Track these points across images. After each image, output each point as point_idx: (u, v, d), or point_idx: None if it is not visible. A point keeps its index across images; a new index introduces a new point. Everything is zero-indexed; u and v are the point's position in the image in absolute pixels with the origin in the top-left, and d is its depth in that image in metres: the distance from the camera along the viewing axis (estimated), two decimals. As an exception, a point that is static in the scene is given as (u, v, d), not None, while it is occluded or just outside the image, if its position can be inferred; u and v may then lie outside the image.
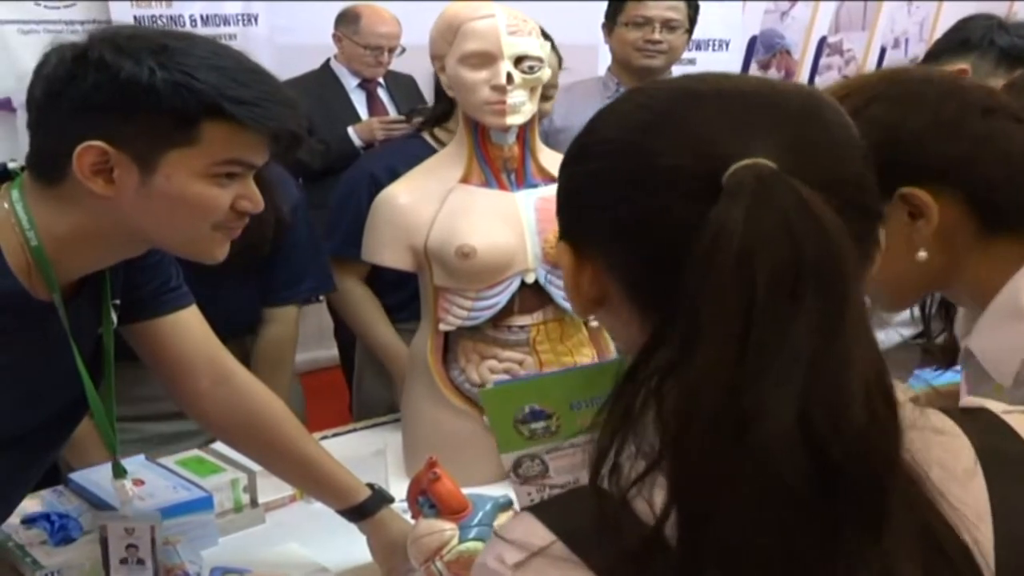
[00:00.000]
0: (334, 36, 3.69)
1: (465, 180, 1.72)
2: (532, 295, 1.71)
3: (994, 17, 2.09)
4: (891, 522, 0.60)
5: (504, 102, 1.61)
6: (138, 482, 1.56)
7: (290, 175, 2.07)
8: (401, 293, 2.13)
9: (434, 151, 2.12)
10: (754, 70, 4.58)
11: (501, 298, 1.68)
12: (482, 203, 1.69)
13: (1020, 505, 0.68)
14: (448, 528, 1.30)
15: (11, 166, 1.19)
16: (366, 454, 1.90)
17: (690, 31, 2.86)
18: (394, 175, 2.05)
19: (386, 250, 1.75)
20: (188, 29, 3.32)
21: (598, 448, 0.64)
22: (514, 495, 1.23)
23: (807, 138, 0.65)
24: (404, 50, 3.66)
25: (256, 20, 3.63)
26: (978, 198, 1.00)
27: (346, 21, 3.68)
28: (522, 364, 1.70)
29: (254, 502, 1.65)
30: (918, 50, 5.09)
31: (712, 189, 0.61)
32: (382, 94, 3.76)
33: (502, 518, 1.32)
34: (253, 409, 1.42)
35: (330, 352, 3.66)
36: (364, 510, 1.43)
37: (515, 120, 1.63)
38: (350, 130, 3.51)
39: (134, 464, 1.64)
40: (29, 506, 1.52)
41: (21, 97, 3.06)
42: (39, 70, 1.12)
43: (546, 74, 1.66)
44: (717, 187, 0.61)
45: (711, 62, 4.29)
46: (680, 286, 0.60)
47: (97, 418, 1.29)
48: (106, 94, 1.07)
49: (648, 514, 0.61)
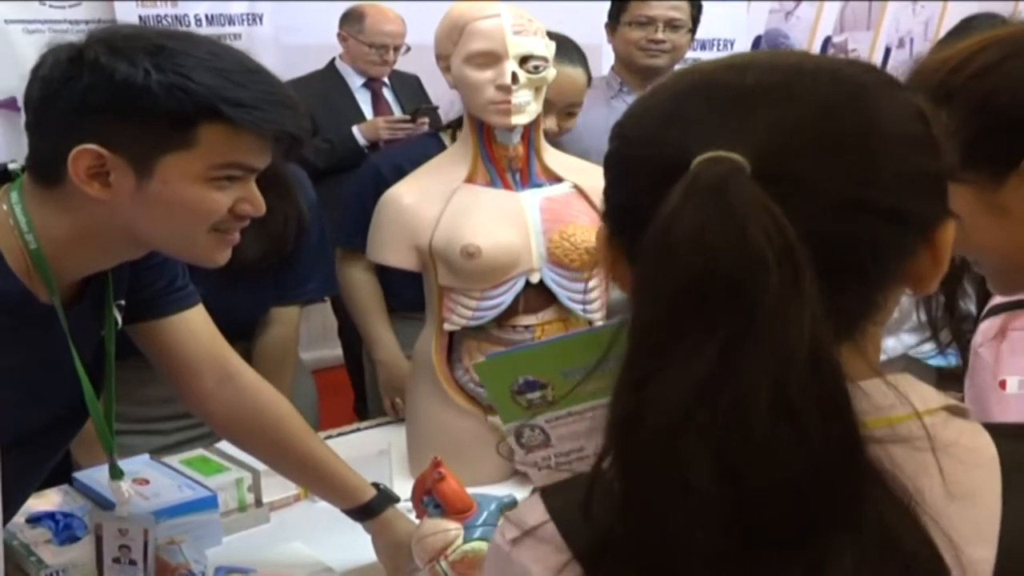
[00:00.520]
0: (339, 35, 3.69)
1: (470, 180, 1.71)
2: (537, 295, 1.71)
3: (998, 16, 2.08)
4: (815, 534, 0.57)
5: (509, 102, 1.61)
6: (142, 481, 1.57)
7: (306, 175, 2.08)
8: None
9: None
10: (758, 70, 4.58)
11: (506, 298, 1.68)
12: (487, 203, 1.69)
13: None
14: (453, 528, 1.30)
15: (11, 167, 1.18)
16: (370, 453, 1.89)
17: (693, 30, 2.86)
18: (399, 173, 2.05)
19: (390, 250, 1.74)
20: (193, 29, 3.33)
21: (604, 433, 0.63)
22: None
23: (808, 134, 0.61)
24: (409, 49, 3.66)
25: (261, 20, 3.63)
26: None
27: (351, 20, 3.68)
28: (527, 364, 1.70)
29: (258, 501, 1.65)
30: (923, 50, 5.07)
31: (672, 182, 0.60)
32: (387, 93, 3.76)
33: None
34: (259, 408, 1.42)
35: (335, 351, 3.66)
36: (370, 510, 1.43)
37: (520, 120, 1.63)
38: (354, 129, 3.51)
39: (139, 463, 1.65)
40: (34, 505, 1.52)
41: (26, 96, 3.09)
42: (36, 71, 1.10)
43: (551, 74, 1.66)
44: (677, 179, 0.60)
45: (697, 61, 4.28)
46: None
47: (95, 421, 1.29)
48: (101, 96, 1.05)
49: None
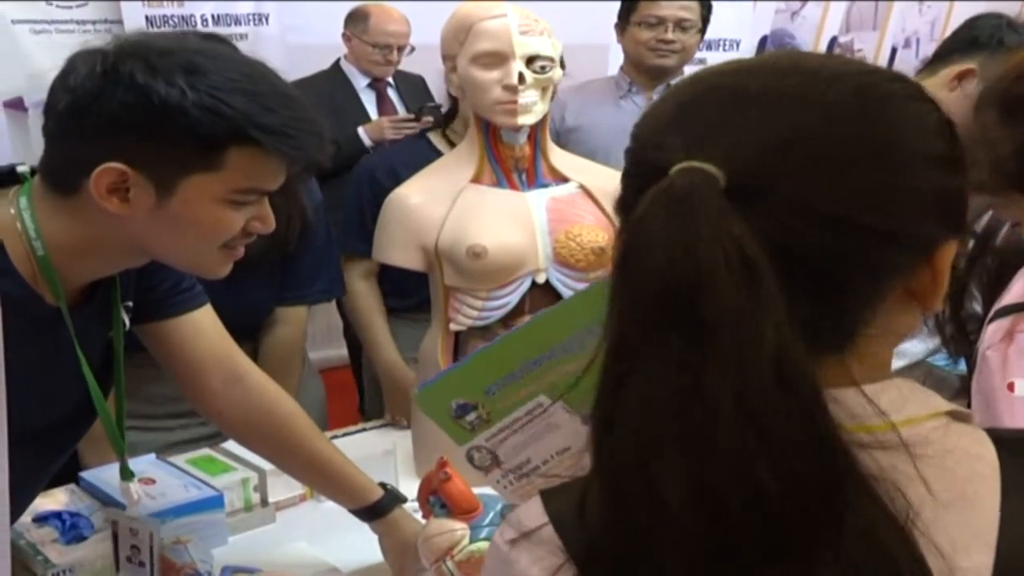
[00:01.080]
0: (343, 35, 3.68)
1: (476, 180, 1.71)
2: (543, 295, 1.71)
3: (1003, 16, 2.07)
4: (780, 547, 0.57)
5: (516, 102, 1.61)
6: (149, 481, 1.57)
7: (313, 175, 2.08)
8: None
9: (438, 152, 2.13)
10: (764, 70, 4.57)
11: (512, 298, 1.68)
12: (493, 203, 1.69)
13: None
14: (459, 528, 1.30)
15: (20, 169, 1.18)
16: (376, 454, 1.90)
17: (703, 31, 2.85)
18: (393, 175, 2.07)
19: (396, 250, 1.74)
20: (199, 29, 3.34)
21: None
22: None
23: (795, 147, 0.61)
24: (413, 49, 3.65)
25: (267, 20, 3.62)
26: None
27: (355, 20, 3.68)
28: (532, 364, 1.70)
29: (264, 501, 1.65)
30: (929, 50, 5.05)
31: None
32: (392, 94, 3.76)
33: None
34: (266, 409, 1.42)
35: (340, 351, 3.66)
36: (377, 510, 1.43)
37: (527, 120, 1.63)
38: (360, 130, 3.51)
39: (145, 463, 1.65)
40: (41, 504, 1.52)
41: (33, 96, 3.09)
42: (64, 79, 1.07)
43: (558, 74, 1.66)
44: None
45: (722, 61, 4.27)
46: None
47: (105, 423, 1.30)
48: (134, 116, 1.04)
49: None
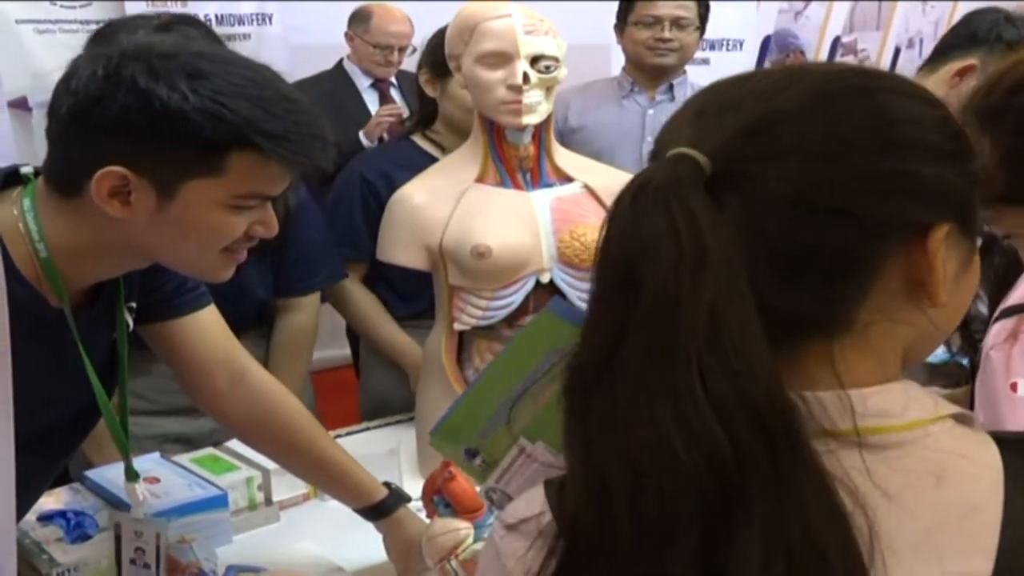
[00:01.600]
0: (346, 35, 3.68)
1: (480, 180, 1.71)
2: (547, 295, 1.69)
3: (1001, 11, 2.07)
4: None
5: (520, 102, 1.61)
6: (153, 480, 1.57)
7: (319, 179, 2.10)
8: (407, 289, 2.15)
9: (425, 153, 2.15)
10: (767, 70, 4.57)
11: (516, 297, 1.68)
12: (497, 203, 1.69)
13: None
14: (463, 527, 1.30)
15: (24, 170, 1.18)
16: (380, 453, 1.90)
17: (701, 29, 2.85)
18: (385, 177, 2.07)
19: (401, 249, 1.74)
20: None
21: None
22: None
23: (771, 128, 0.63)
24: (416, 50, 3.65)
25: (270, 20, 3.62)
26: None
27: (357, 20, 3.68)
28: (536, 364, 1.70)
29: (268, 500, 1.66)
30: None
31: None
32: (394, 94, 3.75)
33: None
34: (271, 409, 1.42)
35: (342, 351, 3.66)
36: (381, 509, 1.43)
37: (531, 120, 1.63)
38: (360, 134, 3.51)
39: (149, 462, 1.65)
40: (45, 503, 1.52)
41: (37, 96, 3.09)
42: (67, 82, 1.07)
43: (563, 74, 1.66)
44: None
45: (725, 62, 4.27)
46: None
47: (109, 424, 1.30)
48: (136, 120, 1.04)
49: None
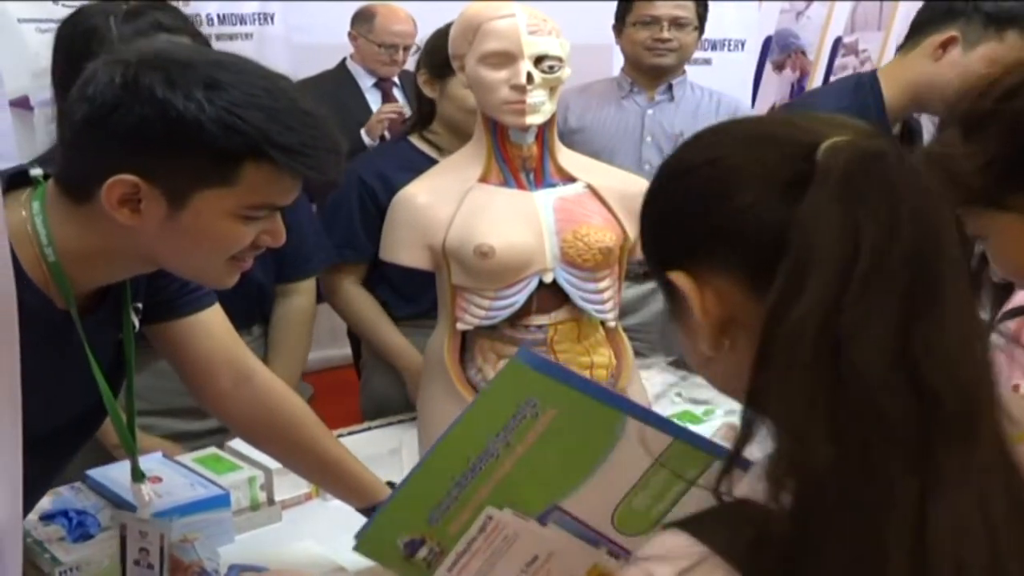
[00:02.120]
0: (349, 35, 3.69)
1: (484, 179, 1.71)
2: (550, 295, 1.70)
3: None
4: (982, 454, 0.64)
5: (524, 102, 1.60)
6: (155, 479, 1.56)
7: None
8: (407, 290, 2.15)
9: (421, 153, 2.14)
10: (769, 70, 4.56)
11: (519, 298, 1.68)
12: (501, 202, 1.69)
13: None
14: (466, 528, 1.29)
15: (33, 172, 1.17)
16: (382, 452, 1.90)
17: (700, 29, 2.85)
18: (383, 179, 2.07)
19: (404, 249, 1.74)
20: (204, 29, 3.34)
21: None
22: None
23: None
24: (419, 49, 3.65)
25: (272, 19, 3.62)
26: None
27: (361, 20, 3.68)
28: (539, 364, 1.70)
29: (271, 500, 1.65)
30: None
31: (807, 156, 0.69)
32: (397, 94, 3.76)
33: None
34: (275, 409, 1.43)
35: (342, 351, 3.66)
36: (384, 509, 1.43)
37: (535, 120, 1.63)
38: (362, 132, 3.51)
39: (152, 461, 1.65)
40: (46, 502, 1.52)
41: (38, 95, 3.09)
42: (83, 88, 1.06)
43: (566, 74, 1.66)
44: (811, 157, 0.69)
45: (727, 62, 4.27)
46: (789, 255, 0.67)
47: (116, 425, 1.30)
48: (151, 129, 1.03)
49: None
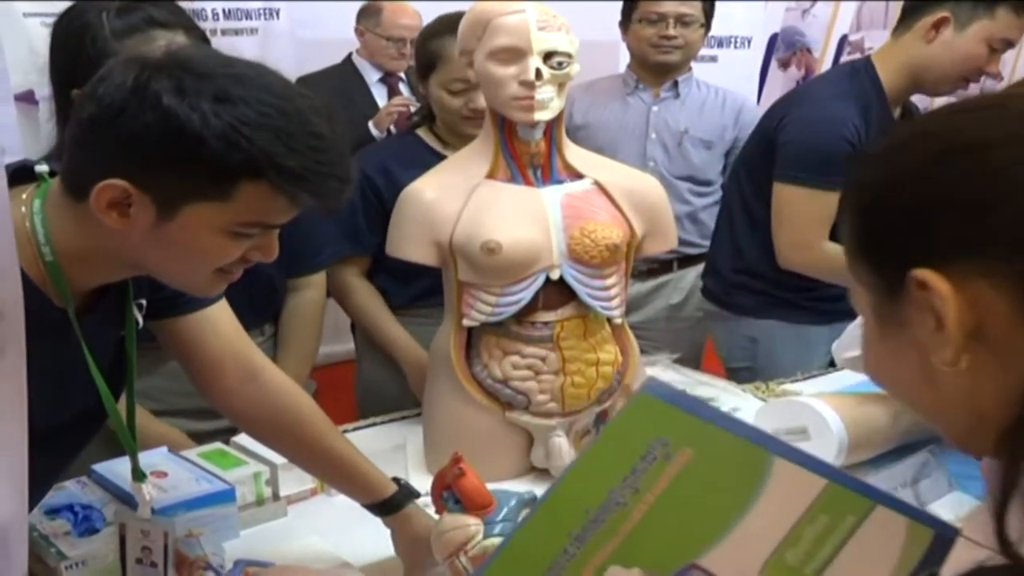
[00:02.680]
0: (356, 30, 3.69)
1: (491, 176, 1.71)
2: (556, 292, 1.70)
3: None
4: None
5: (532, 98, 1.60)
6: (161, 474, 1.57)
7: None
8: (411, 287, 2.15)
9: (429, 148, 2.14)
10: (774, 68, 4.55)
11: (526, 294, 1.68)
12: (508, 199, 1.68)
13: None
14: (473, 523, 1.30)
15: (38, 169, 1.17)
16: (386, 449, 1.90)
17: (707, 26, 2.84)
18: (386, 173, 2.07)
19: (410, 245, 1.74)
20: (209, 24, 3.34)
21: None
22: None
23: None
24: (423, 45, 3.65)
25: (277, 15, 3.62)
26: None
27: (368, 14, 3.69)
28: (545, 360, 1.70)
29: (276, 495, 1.65)
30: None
31: None
32: (403, 88, 3.76)
33: (526, 513, 1.31)
34: (281, 405, 1.42)
35: (346, 346, 3.65)
36: (391, 505, 1.43)
37: (543, 116, 1.62)
38: (370, 124, 3.51)
39: (157, 456, 1.65)
40: (51, 497, 1.52)
41: (43, 90, 3.07)
42: (95, 86, 1.05)
43: (575, 70, 1.65)
44: None
45: (733, 60, 4.27)
46: None
47: (116, 425, 1.29)
48: (152, 138, 1.02)
49: None
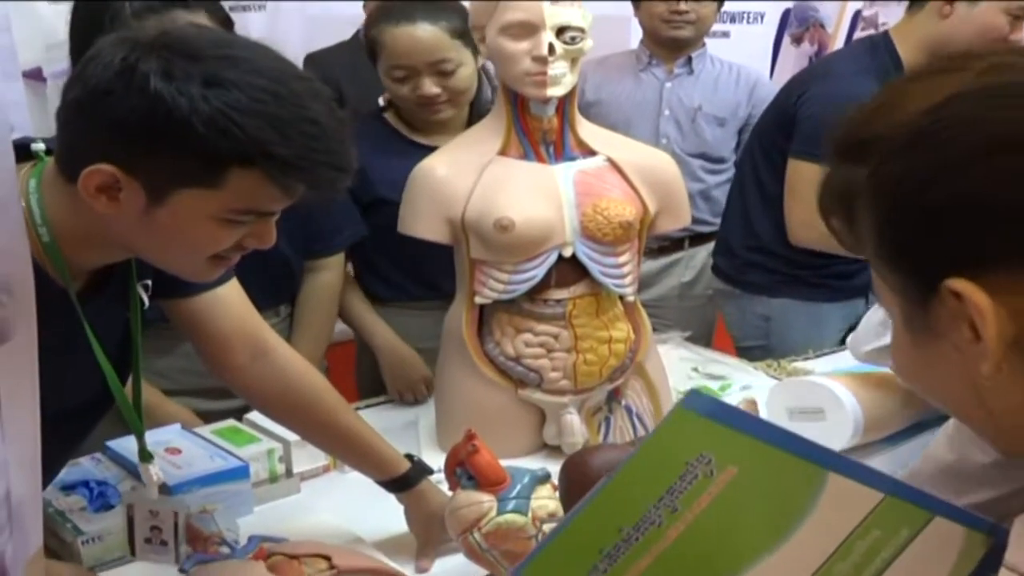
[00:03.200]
0: (364, 6, 3.66)
1: (503, 152, 1.70)
2: (569, 269, 1.69)
3: None
4: None
5: (545, 73, 1.58)
6: (175, 451, 1.58)
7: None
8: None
9: (395, 131, 2.16)
10: (787, 43, 4.52)
11: (538, 271, 1.67)
12: (520, 176, 1.67)
13: None
14: (486, 500, 1.30)
15: (35, 147, 1.16)
16: (398, 426, 1.90)
17: (719, 1, 2.83)
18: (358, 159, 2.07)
19: (422, 222, 1.73)
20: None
21: None
22: None
23: None
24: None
25: (286, -10, 3.61)
26: None
27: (376, -9, 3.66)
28: (557, 338, 1.70)
29: (289, 472, 1.66)
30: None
31: None
32: (411, 65, 3.74)
33: (540, 491, 1.32)
34: (292, 383, 1.42)
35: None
36: (405, 482, 1.43)
37: (556, 92, 1.61)
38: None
39: (171, 433, 1.66)
40: (66, 473, 1.52)
41: (51, 67, 3.08)
42: (84, 67, 1.04)
43: (588, 45, 1.64)
44: None
45: (746, 35, 4.24)
46: None
47: (122, 407, 1.29)
48: (139, 122, 1.00)
49: None
